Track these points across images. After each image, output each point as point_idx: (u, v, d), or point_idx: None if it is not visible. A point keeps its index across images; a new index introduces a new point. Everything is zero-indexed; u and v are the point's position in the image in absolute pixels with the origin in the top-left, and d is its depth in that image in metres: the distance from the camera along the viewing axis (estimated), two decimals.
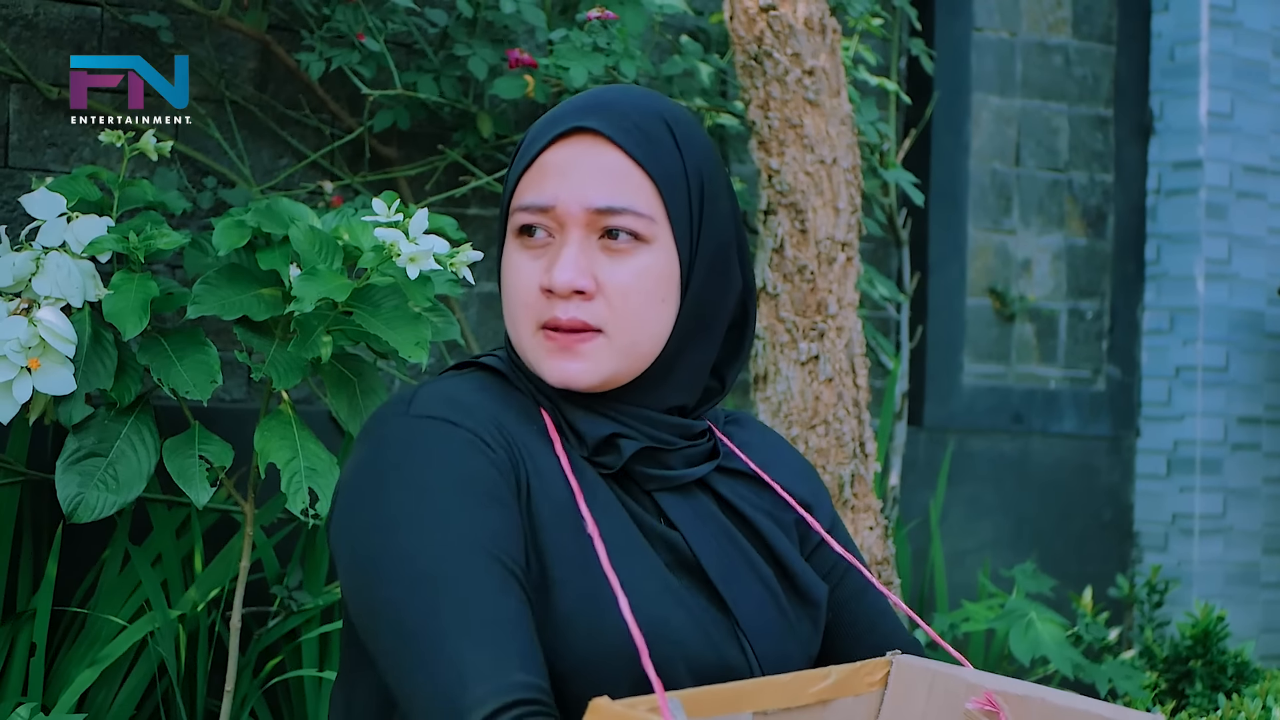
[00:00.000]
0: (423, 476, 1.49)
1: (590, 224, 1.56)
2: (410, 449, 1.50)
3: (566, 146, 1.57)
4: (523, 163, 1.59)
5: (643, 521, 1.60)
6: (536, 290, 1.57)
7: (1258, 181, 4.70)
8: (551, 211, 1.56)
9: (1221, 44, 4.64)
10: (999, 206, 4.50)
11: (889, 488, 4.02)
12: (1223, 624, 3.56)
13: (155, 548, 2.83)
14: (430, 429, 1.51)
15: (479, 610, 1.42)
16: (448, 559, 1.45)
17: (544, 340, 1.57)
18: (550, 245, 1.57)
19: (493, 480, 1.50)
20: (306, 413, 2.93)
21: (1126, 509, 4.67)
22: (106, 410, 2.45)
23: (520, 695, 1.37)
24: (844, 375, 3.16)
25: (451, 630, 1.41)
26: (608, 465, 1.59)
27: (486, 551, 1.45)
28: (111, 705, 2.75)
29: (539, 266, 1.57)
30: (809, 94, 3.15)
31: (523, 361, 1.61)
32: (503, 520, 1.49)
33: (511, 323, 1.60)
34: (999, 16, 4.51)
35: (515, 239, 1.59)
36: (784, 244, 3.16)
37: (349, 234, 2.41)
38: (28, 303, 2.36)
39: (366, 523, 1.49)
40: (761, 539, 1.67)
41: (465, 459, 1.50)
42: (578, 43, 3.13)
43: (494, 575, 1.45)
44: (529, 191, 1.58)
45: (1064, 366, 4.61)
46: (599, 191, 1.56)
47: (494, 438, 1.53)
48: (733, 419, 1.77)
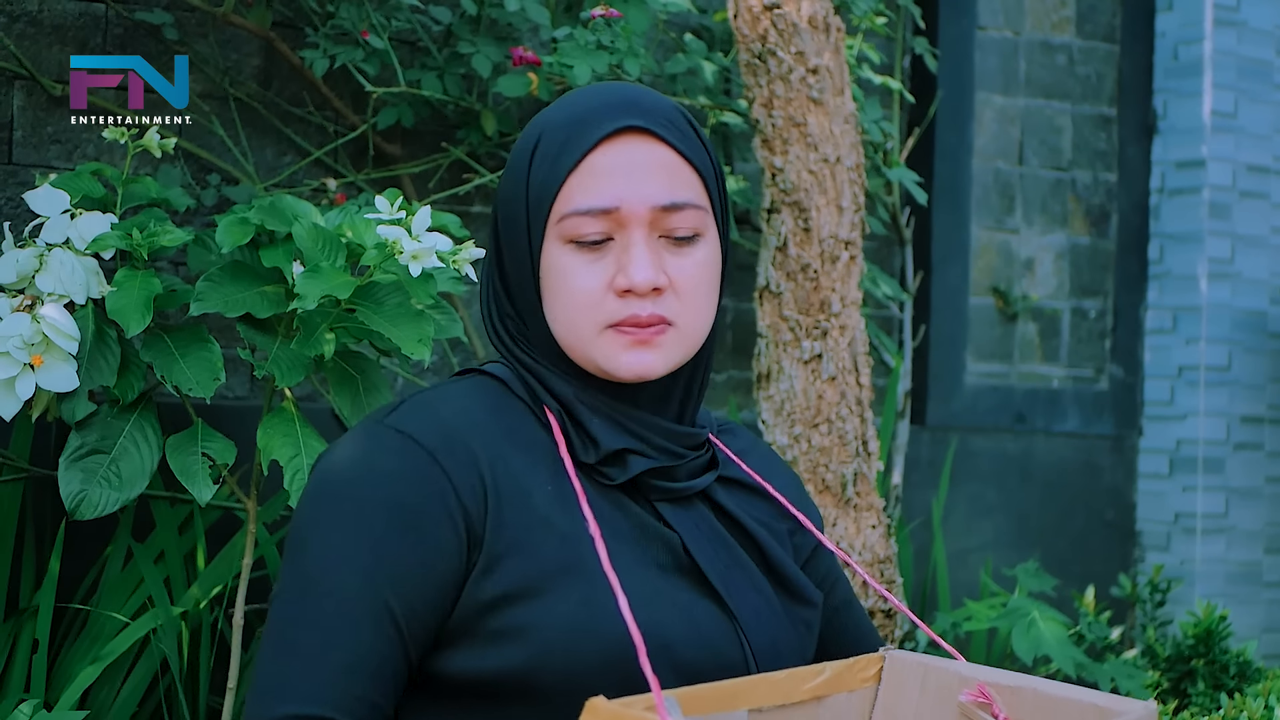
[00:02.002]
0: (358, 492, 1.53)
1: (655, 222, 1.58)
2: (358, 463, 1.55)
3: (615, 147, 1.58)
4: (565, 167, 1.58)
5: (640, 524, 1.60)
6: (603, 291, 1.58)
7: (1261, 181, 4.70)
8: (615, 213, 1.57)
9: (1225, 43, 4.64)
10: (1002, 205, 4.50)
11: (891, 486, 4.02)
12: (1225, 623, 3.56)
13: (158, 545, 2.83)
14: (391, 443, 1.55)
15: (336, 635, 1.49)
16: (335, 576, 1.51)
17: (615, 337, 1.58)
18: (609, 246, 1.58)
19: (425, 509, 1.53)
20: (309, 410, 2.93)
21: (1129, 508, 4.67)
22: (109, 407, 2.45)
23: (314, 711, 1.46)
24: (847, 374, 3.16)
25: (301, 645, 1.49)
26: (610, 477, 1.60)
27: (374, 585, 1.51)
28: (114, 702, 2.75)
29: (601, 268, 1.58)
30: (813, 92, 3.15)
31: (544, 364, 1.62)
32: (415, 554, 1.52)
33: (568, 325, 1.59)
34: (1003, 15, 4.51)
35: (563, 244, 1.58)
36: (787, 242, 3.16)
37: (352, 231, 2.41)
38: (31, 299, 2.36)
39: (303, 516, 1.56)
40: (757, 546, 1.68)
41: (406, 483, 1.54)
42: (582, 41, 3.13)
43: (369, 610, 1.50)
44: (582, 196, 1.57)
45: (1067, 365, 4.61)
46: (661, 189, 1.58)
47: (456, 457, 1.55)
48: (725, 429, 1.79)
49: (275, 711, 1.47)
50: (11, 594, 2.83)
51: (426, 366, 3.50)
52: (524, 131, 1.65)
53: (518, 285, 1.63)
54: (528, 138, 1.63)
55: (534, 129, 1.63)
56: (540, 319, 1.62)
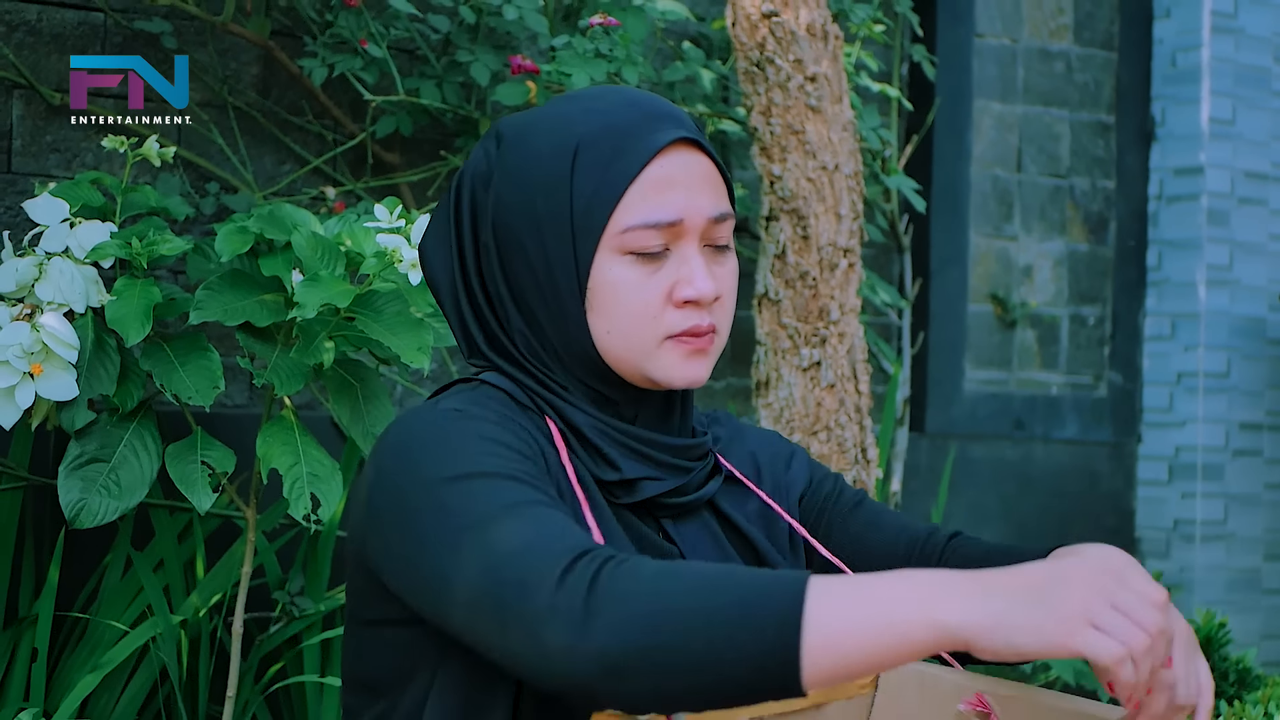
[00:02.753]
0: (460, 444, 1.48)
1: (705, 233, 1.58)
2: (445, 432, 1.50)
3: (668, 159, 1.57)
4: (623, 179, 1.56)
5: (638, 535, 1.60)
6: (663, 303, 1.57)
7: (1259, 187, 4.70)
8: (678, 225, 1.56)
9: (1223, 50, 4.64)
10: (1000, 212, 4.50)
11: (891, 494, 4.02)
12: (1224, 630, 3.56)
13: (157, 553, 2.83)
14: (459, 417, 1.51)
15: (528, 502, 1.42)
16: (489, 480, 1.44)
17: (675, 347, 1.58)
18: (664, 257, 1.57)
19: (529, 449, 1.51)
20: (309, 418, 2.93)
21: (1128, 515, 4.67)
22: (109, 416, 2.45)
23: (590, 546, 1.37)
24: (846, 381, 3.16)
25: (511, 514, 1.40)
26: (616, 495, 1.60)
27: (525, 482, 1.45)
28: (113, 711, 2.75)
29: (659, 279, 1.57)
30: (811, 100, 3.15)
31: (554, 385, 1.60)
32: (540, 472, 1.49)
33: (624, 336, 1.58)
34: (1000, 23, 4.51)
35: (621, 255, 1.56)
36: (786, 250, 3.16)
37: (351, 240, 2.41)
38: (30, 308, 2.37)
39: (411, 504, 1.47)
40: (753, 549, 1.68)
41: (499, 432, 1.50)
42: (580, 49, 3.14)
43: (533, 489, 1.45)
44: (646, 209, 1.55)
45: (1065, 372, 4.61)
46: (712, 201, 1.58)
47: (523, 429, 1.54)
48: (712, 419, 1.78)
49: (561, 545, 1.36)
50: (11, 602, 2.83)
51: (426, 375, 3.50)
52: (535, 139, 1.59)
53: (552, 298, 1.58)
54: (556, 145, 1.58)
55: (558, 136, 1.58)
56: (574, 331, 1.60)
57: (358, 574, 1.57)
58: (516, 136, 1.61)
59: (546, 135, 1.59)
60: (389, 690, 1.56)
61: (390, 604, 1.53)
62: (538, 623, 1.32)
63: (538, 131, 1.60)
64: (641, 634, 1.30)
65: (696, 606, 1.30)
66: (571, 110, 1.60)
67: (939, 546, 1.70)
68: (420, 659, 1.53)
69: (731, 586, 1.30)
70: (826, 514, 1.76)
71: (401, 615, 1.52)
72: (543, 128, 1.60)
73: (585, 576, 1.32)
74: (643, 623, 1.30)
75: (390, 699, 1.56)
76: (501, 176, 1.60)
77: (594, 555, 1.34)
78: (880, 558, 1.72)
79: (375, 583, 1.54)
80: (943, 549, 1.70)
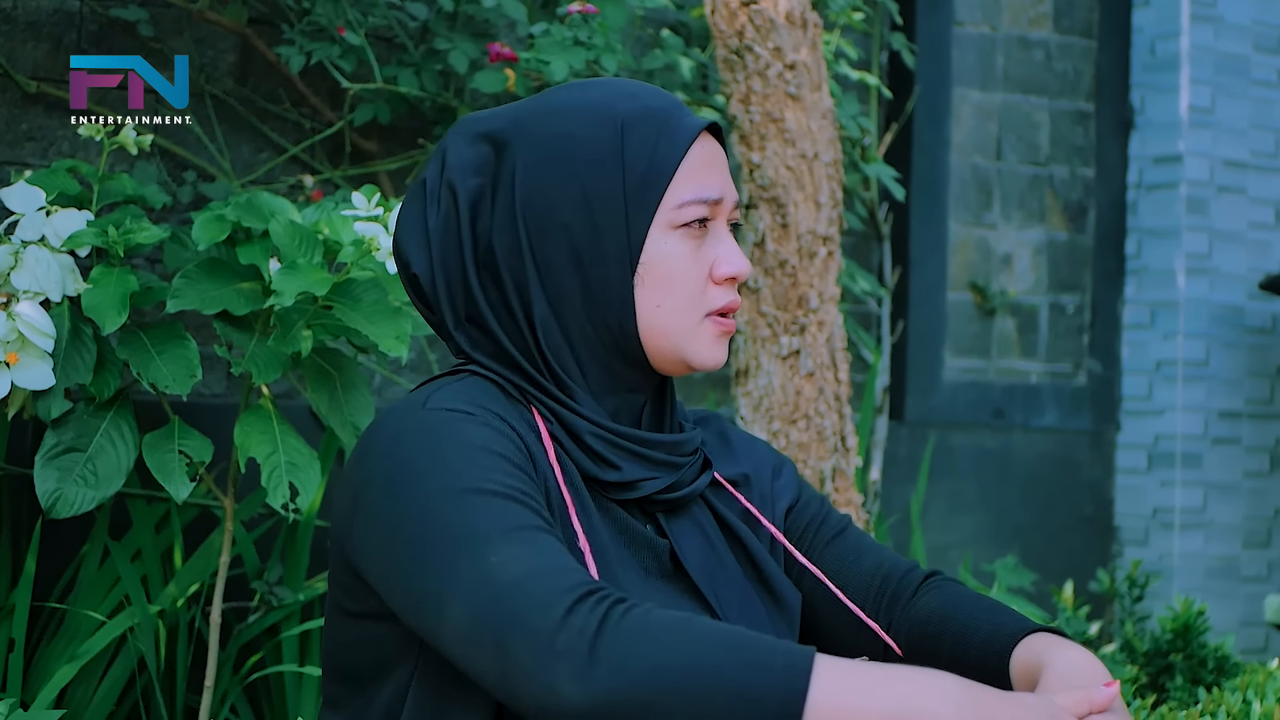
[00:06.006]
0: (455, 454, 1.47)
1: (731, 214, 1.64)
2: (436, 435, 1.49)
3: (703, 141, 1.62)
4: (674, 156, 1.59)
5: (627, 529, 1.60)
6: (705, 280, 1.61)
7: (1238, 176, 4.71)
8: (720, 203, 1.62)
9: (1202, 38, 4.65)
10: (980, 201, 4.51)
11: (870, 482, 4.02)
12: (1203, 618, 3.56)
13: (135, 543, 2.82)
14: (451, 419, 1.50)
15: (527, 526, 1.43)
16: (487, 498, 1.44)
17: (712, 325, 1.62)
18: (704, 236, 1.62)
19: (519, 456, 1.51)
20: (287, 407, 2.92)
21: (1107, 503, 4.68)
22: (85, 405, 2.44)
23: (595, 585, 1.37)
24: (825, 370, 3.16)
25: (510, 540, 1.41)
26: (610, 492, 1.60)
27: (523, 503, 1.45)
28: (91, 701, 2.74)
29: (702, 256, 1.61)
30: (790, 88, 3.15)
31: (553, 387, 1.59)
32: (532, 485, 1.49)
33: (673, 313, 1.59)
34: (980, 11, 4.51)
35: (672, 230, 1.59)
36: (765, 238, 3.16)
37: (329, 228, 2.40)
38: (6, 297, 2.36)
39: (403, 510, 1.47)
40: (742, 545, 1.69)
41: (491, 439, 1.49)
42: (558, 37, 3.13)
43: (530, 511, 1.45)
44: (694, 186, 1.60)
45: (1045, 361, 4.61)
46: (731, 183, 1.64)
47: (512, 430, 1.53)
48: (700, 419, 1.78)
49: (557, 585, 1.37)
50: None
51: (404, 363, 3.49)
52: (567, 123, 1.59)
53: (598, 275, 1.57)
54: (599, 125, 1.58)
55: (598, 116, 1.58)
56: (616, 306, 1.58)
57: (341, 567, 1.56)
58: (535, 124, 1.59)
59: (582, 117, 1.59)
60: (370, 681, 1.56)
61: (373, 598, 1.52)
62: (540, 662, 1.34)
63: (566, 117, 1.60)
64: (645, 689, 1.32)
65: (702, 666, 1.32)
66: (602, 95, 1.61)
67: (913, 586, 1.72)
68: (402, 652, 1.53)
69: (738, 648, 1.33)
70: (809, 538, 1.77)
71: (384, 610, 1.52)
72: (573, 113, 1.60)
73: (592, 620, 1.34)
74: (649, 678, 1.32)
75: (371, 690, 1.56)
76: (530, 163, 1.58)
77: (600, 596, 1.36)
78: (856, 589, 1.74)
79: (358, 577, 1.53)
80: (916, 589, 1.72)
